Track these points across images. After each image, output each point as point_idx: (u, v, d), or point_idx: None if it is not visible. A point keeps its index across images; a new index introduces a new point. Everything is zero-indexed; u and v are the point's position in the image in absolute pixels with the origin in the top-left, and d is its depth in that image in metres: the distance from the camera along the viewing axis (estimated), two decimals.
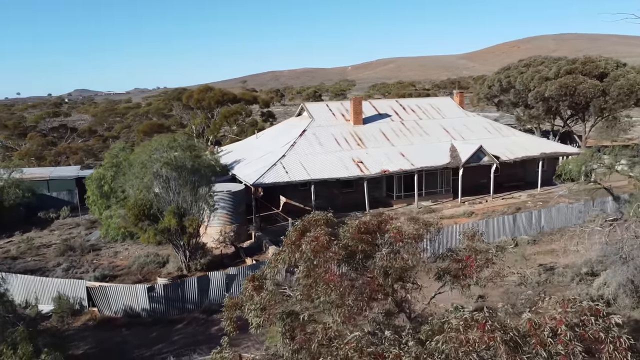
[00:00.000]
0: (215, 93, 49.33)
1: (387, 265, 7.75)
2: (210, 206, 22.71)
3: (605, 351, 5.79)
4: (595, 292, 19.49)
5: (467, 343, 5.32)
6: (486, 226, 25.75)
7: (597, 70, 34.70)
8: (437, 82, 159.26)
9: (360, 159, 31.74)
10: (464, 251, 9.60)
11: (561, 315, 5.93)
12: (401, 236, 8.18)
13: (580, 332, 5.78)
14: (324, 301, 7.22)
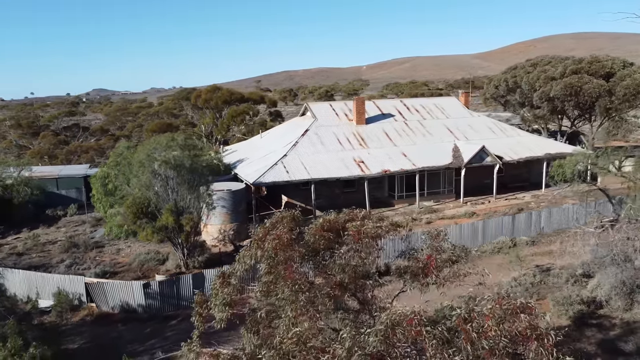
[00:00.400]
0: (223, 93, 49.81)
1: (343, 263, 7.89)
2: (207, 205, 23.01)
3: (532, 348, 5.87)
4: (589, 294, 19.41)
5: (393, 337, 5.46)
6: (484, 227, 25.74)
7: (603, 70, 34.31)
8: (451, 82, 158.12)
9: (362, 159, 31.86)
10: (426, 250, 9.70)
11: (490, 312, 6.03)
12: (360, 235, 8.32)
13: (507, 328, 5.88)
14: (279, 297, 7.42)
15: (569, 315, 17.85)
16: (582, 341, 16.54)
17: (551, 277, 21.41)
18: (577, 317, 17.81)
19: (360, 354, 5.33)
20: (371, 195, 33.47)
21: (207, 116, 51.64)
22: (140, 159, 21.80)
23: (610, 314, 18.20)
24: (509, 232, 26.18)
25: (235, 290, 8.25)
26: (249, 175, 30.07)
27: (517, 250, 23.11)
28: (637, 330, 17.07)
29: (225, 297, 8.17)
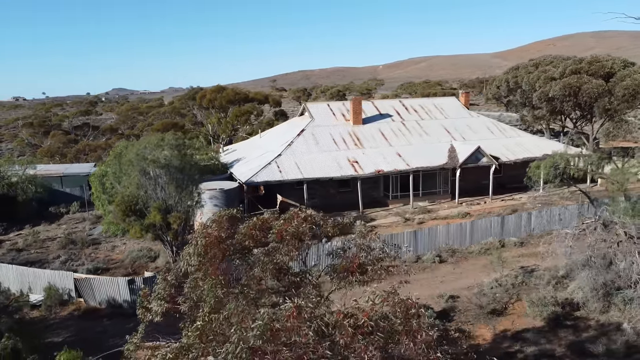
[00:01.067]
0: (228, 93, 50.39)
1: (266, 260, 8.18)
2: (195, 203, 23.46)
3: (405, 342, 6.06)
4: (569, 296, 19.38)
5: (272, 331, 5.71)
6: (472, 228, 25.78)
7: (602, 71, 33.92)
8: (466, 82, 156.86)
9: (356, 159, 32.06)
10: (353, 249, 9.94)
11: (369, 307, 6.23)
12: (282, 234, 8.59)
13: (383, 324, 6.07)
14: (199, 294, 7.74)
15: (543, 316, 17.89)
16: (553, 342, 16.58)
17: (534, 279, 21.41)
18: (552, 319, 17.83)
19: (242, 347, 5.61)
20: (367, 195, 33.73)
21: (212, 116, 52.26)
22: (129, 157, 22.32)
23: (586, 316, 18.18)
24: (498, 233, 26.16)
25: (170, 285, 8.60)
26: (243, 174, 30.51)
27: (499, 251, 23.12)
28: (610, 332, 17.05)
29: (160, 292, 8.54)
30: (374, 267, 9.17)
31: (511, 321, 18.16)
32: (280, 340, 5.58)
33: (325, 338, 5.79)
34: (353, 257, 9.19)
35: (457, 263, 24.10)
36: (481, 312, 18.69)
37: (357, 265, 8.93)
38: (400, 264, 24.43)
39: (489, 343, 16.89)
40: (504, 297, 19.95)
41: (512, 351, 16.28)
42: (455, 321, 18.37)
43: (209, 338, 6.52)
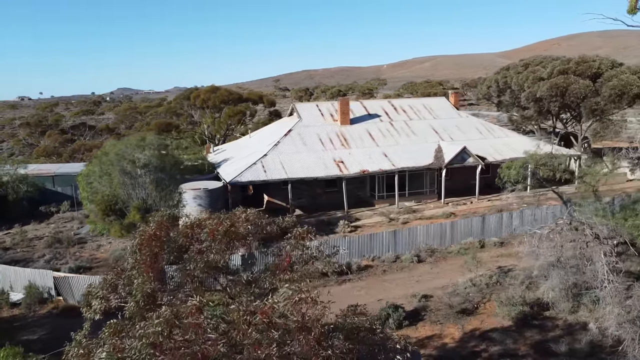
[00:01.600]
0: (222, 93, 50.65)
1: (197, 258, 8.35)
2: (176, 202, 23.70)
3: (299, 339, 6.19)
4: (541, 296, 19.44)
5: (171, 327, 5.89)
6: (452, 228, 25.88)
7: (590, 71, 33.87)
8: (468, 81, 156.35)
9: (342, 159, 32.21)
10: (286, 249, 10.10)
11: (269, 306, 6.37)
12: (214, 234, 8.76)
13: (279, 322, 6.20)
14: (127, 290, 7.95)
15: (511, 316, 17.99)
16: (519, 342, 16.67)
17: (509, 279, 21.50)
18: (520, 318, 17.93)
19: (143, 343, 5.81)
20: (354, 195, 33.91)
21: (207, 116, 52.53)
22: (109, 157, 22.60)
23: (555, 316, 18.28)
24: (479, 233, 26.26)
25: (110, 284, 8.80)
26: (228, 174, 30.70)
27: (475, 251, 23.20)
28: (576, 331, 17.14)
29: (97, 290, 8.74)
30: (304, 266, 9.26)
31: (480, 321, 18.27)
32: (180, 337, 5.76)
33: (224, 335, 5.96)
34: (285, 256, 9.33)
35: (436, 263, 24.20)
36: (451, 311, 18.81)
37: (288, 264, 9.08)
38: (379, 264, 24.71)
39: (457, 342, 17.01)
40: (477, 297, 20.09)
41: (477, 350, 16.40)
42: (426, 320, 18.51)
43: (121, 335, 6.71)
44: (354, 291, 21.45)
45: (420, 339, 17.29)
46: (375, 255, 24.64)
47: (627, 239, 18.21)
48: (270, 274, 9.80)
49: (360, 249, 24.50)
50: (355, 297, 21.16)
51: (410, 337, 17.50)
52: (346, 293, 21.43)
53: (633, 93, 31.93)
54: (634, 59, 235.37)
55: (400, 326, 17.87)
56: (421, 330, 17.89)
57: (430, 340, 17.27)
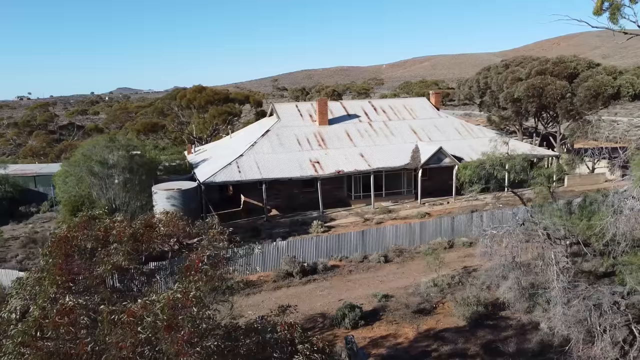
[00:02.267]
0: (207, 93, 50.79)
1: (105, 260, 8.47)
2: (145, 203, 23.83)
3: (166, 337, 6.25)
4: (500, 295, 19.54)
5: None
6: (421, 228, 26.00)
7: (566, 71, 33.94)
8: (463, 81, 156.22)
9: (318, 160, 32.32)
10: (199, 250, 10.20)
11: (140, 306, 6.46)
12: (121, 235, 8.88)
13: (150, 319, 6.24)
14: (31, 292, 8.09)
15: (467, 316, 18.10)
16: (470, 341, 16.78)
17: (471, 279, 21.60)
18: (475, 319, 18.05)
19: (14, 342, 5.95)
20: (331, 195, 34.05)
21: (194, 116, 52.68)
22: (76, 158, 22.74)
23: (510, 316, 18.38)
24: (449, 233, 26.37)
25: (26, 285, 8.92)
26: (204, 174, 30.82)
27: (439, 252, 23.29)
28: (529, 331, 17.27)
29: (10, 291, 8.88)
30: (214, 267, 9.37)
31: (436, 321, 18.38)
32: (49, 335, 5.89)
33: (91, 334, 6.08)
34: (197, 257, 9.44)
35: (403, 263, 24.31)
36: (409, 311, 18.92)
37: (199, 265, 9.17)
38: (346, 264, 24.82)
39: (410, 342, 17.12)
40: (437, 297, 20.21)
41: (428, 350, 16.51)
42: (382, 320, 18.62)
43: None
44: (318, 291, 21.57)
45: (375, 339, 17.41)
46: (343, 256, 24.76)
47: (580, 239, 18.33)
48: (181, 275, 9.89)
49: (328, 249, 24.62)
50: (317, 297, 21.32)
51: (366, 337, 17.68)
52: (309, 293, 21.58)
53: (608, 94, 32.00)
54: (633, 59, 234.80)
55: (356, 326, 17.99)
56: (377, 330, 18.00)
57: (385, 340, 17.38)
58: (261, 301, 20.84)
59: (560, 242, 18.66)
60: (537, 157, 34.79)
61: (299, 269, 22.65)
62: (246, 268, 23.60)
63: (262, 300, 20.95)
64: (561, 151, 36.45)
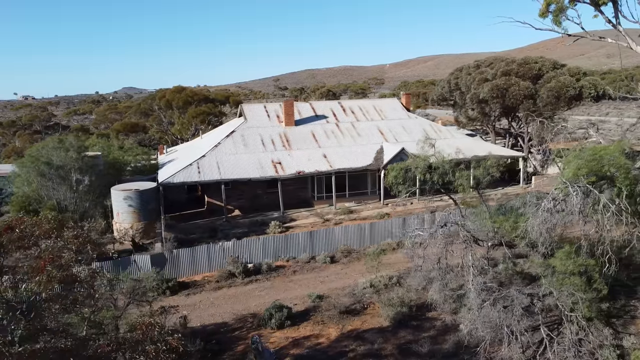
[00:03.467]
0: (186, 93, 51.11)
1: None
2: (95, 205, 24.11)
3: None
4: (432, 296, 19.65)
5: None
6: (371, 229, 26.13)
7: (531, 72, 33.90)
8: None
9: (280, 160, 32.50)
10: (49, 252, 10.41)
11: None
12: None
13: None
14: None
15: (392, 316, 18.24)
16: (389, 342, 16.92)
17: (409, 279, 21.69)
18: (399, 319, 18.19)
19: None
20: (296, 195, 34.26)
21: (175, 116, 53.01)
22: (23, 160, 23.06)
23: (437, 317, 18.50)
24: (400, 234, 26.44)
25: None
26: (164, 175, 31.08)
27: (385, 252, 23.43)
28: (449, 332, 17.37)
29: None
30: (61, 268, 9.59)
31: (362, 321, 18.54)
32: None
33: None
34: (45, 258, 9.66)
35: (349, 264, 24.46)
36: (339, 312, 19.07)
37: (44, 266, 9.39)
38: (292, 264, 24.99)
39: (331, 342, 17.29)
40: (372, 297, 20.33)
41: (346, 350, 16.67)
42: (310, 321, 18.78)
43: None
44: (257, 292, 21.77)
45: (298, 339, 17.59)
46: (291, 256, 24.95)
47: (503, 241, 18.44)
48: (28, 276, 10.12)
49: (276, 249, 24.81)
50: (255, 297, 21.51)
51: (289, 337, 17.85)
52: (248, 293, 21.78)
53: (569, 95, 31.95)
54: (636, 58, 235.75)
55: (282, 326, 18.19)
56: (302, 330, 18.18)
57: (307, 340, 17.55)
58: (199, 301, 21.09)
59: (483, 243, 18.81)
60: (502, 157, 34.76)
61: (242, 270, 22.87)
62: (192, 269, 23.94)
63: (200, 300, 21.19)
64: (527, 152, 36.41)
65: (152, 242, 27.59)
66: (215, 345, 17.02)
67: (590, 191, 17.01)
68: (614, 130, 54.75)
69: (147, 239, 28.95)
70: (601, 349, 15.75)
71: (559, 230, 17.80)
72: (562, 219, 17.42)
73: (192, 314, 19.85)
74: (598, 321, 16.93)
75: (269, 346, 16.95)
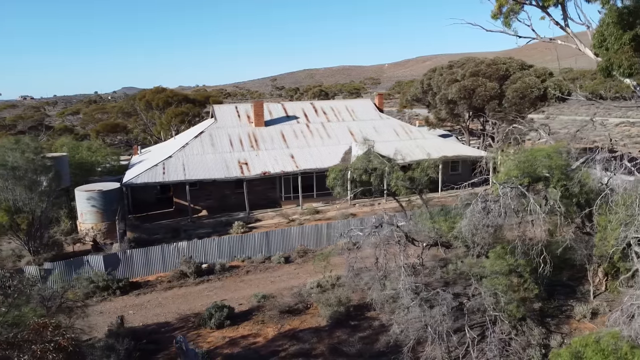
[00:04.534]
0: (166, 94, 51.28)
1: None
2: (52, 205, 24.27)
3: None
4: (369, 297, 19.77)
5: None
6: (328, 229, 26.26)
7: (498, 73, 34.02)
8: None
9: (246, 161, 32.67)
10: None
11: None
12: None
13: None
14: None
15: (330, 316, 18.38)
16: (323, 342, 17.05)
17: (357, 279, 21.81)
18: (338, 319, 18.32)
19: None
20: (264, 196, 34.47)
21: (156, 116, 53.17)
22: None
23: (376, 317, 18.63)
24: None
25: None
26: (130, 176, 31.26)
27: (328, 253, 23.53)
28: (384, 332, 17.46)
29: None
30: None
31: (301, 321, 18.67)
32: None
33: None
34: None
35: (303, 264, 24.61)
36: (281, 312, 19.21)
37: None
38: (247, 264, 25.09)
39: (266, 342, 17.42)
40: (319, 297, 20.45)
41: (279, 350, 16.80)
42: (251, 320, 18.92)
43: None
44: (206, 292, 21.92)
45: (235, 338, 17.73)
46: (247, 256, 25.10)
47: (439, 241, 18.60)
48: None
49: (231, 250, 24.97)
50: (203, 297, 21.64)
51: (227, 336, 17.99)
52: (198, 294, 21.92)
53: (533, 95, 32.06)
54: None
55: (221, 325, 18.32)
56: (241, 329, 18.32)
57: (244, 339, 17.69)
58: (147, 301, 21.24)
59: (419, 244, 18.96)
60: (470, 157, 34.90)
61: (194, 270, 23.01)
62: (146, 269, 24.10)
63: (149, 300, 21.34)
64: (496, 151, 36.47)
65: (112, 243, 27.75)
66: (150, 345, 17.17)
67: (523, 192, 17.16)
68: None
69: (110, 239, 29.12)
70: (528, 349, 15.86)
71: (492, 230, 17.92)
72: (493, 220, 17.58)
73: (138, 313, 20.02)
74: (531, 321, 17.04)
75: (205, 346, 17.11)
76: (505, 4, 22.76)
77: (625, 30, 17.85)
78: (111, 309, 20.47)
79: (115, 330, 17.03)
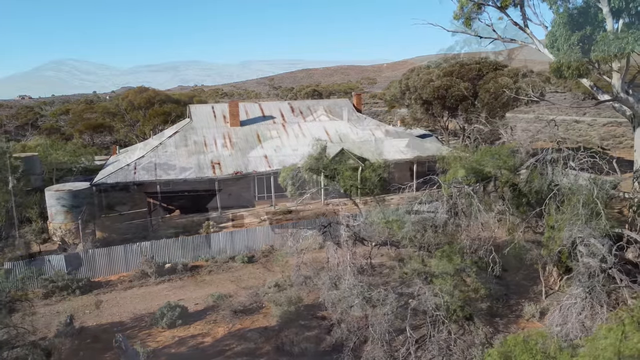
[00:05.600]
0: (149, 94, 51.32)
1: None
2: (18, 205, 24.33)
3: None
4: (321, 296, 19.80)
5: None
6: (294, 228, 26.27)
7: (471, 73, 34.04)
8: None
9: (219, 161, 32.69)
10: None
11: None
12: None
13: None
14: None
15: (280, 315, 18.41)
16: (270, 341, 17.08)
17: (317, 279, 21.84)
18: (289, 318, 18.34)
19: None
20: (239, 195, 34.43)
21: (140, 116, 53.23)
22: None
23: (327, 316, 18.63)
24: None
25: None
26: (101, 175, 31.30)
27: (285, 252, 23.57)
28: (333, 331, 17.48)
29: None
30: None
31: (253, 321, 18.70)
32: None
33: None
34: None
35: (267, 264, 24.64)
36: (234, 311, 19.24)
37: None
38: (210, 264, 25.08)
39: (215, 341, 17.45)
40: (275, 297, 20.47)
41: (225, 349, 16.85)
42: (204, 320, 18.95)
43: None
44: (165, 291, 21.95)
45: (184, 338, 17.76)
46: (211, 256, 25.14)
47: (388, 240, 18.65)
48: None
49: (195, 250, 25.00)
50: (162, 297, 21.62)
51: (176, 335, 18.03)
52: (157, 293, 21.95)
53: (505, 96, 32.06)
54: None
55: (173, 325, 18.36)
56: (192, 329, 18.35)
57: (193, 339, 17.73)
58: (105, 301, 21.27)
59: (368, 243, 19.01)
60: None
61: (155, 270, 23.04)
62: (108, 269, 24.14)
63: (107, 299, 21.36)
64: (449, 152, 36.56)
65: (79, 243, 27.80)
66: (98, 345, 17.20)
67: (469, 192, 17.20)
68: None
69: (79, 239, 29.15)
70: (471, 348, 15.89)
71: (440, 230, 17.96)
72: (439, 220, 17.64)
73: (93, 313, 20.06)
74: (479, 320, 17.07)
75: (153, 345, 17.15)
76: (466, 4, 22.81)
77: (574, 31, 17.89)
78: (68, 308, 20.50)
79: (63, 329, 17.07)
